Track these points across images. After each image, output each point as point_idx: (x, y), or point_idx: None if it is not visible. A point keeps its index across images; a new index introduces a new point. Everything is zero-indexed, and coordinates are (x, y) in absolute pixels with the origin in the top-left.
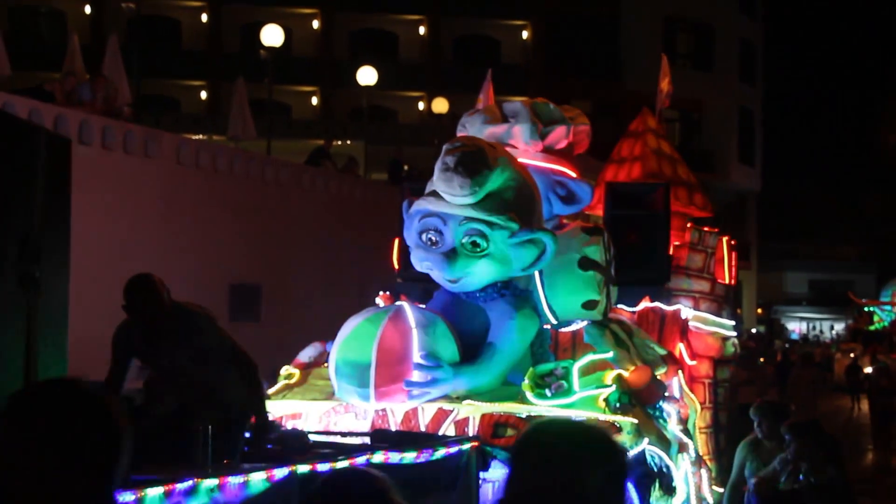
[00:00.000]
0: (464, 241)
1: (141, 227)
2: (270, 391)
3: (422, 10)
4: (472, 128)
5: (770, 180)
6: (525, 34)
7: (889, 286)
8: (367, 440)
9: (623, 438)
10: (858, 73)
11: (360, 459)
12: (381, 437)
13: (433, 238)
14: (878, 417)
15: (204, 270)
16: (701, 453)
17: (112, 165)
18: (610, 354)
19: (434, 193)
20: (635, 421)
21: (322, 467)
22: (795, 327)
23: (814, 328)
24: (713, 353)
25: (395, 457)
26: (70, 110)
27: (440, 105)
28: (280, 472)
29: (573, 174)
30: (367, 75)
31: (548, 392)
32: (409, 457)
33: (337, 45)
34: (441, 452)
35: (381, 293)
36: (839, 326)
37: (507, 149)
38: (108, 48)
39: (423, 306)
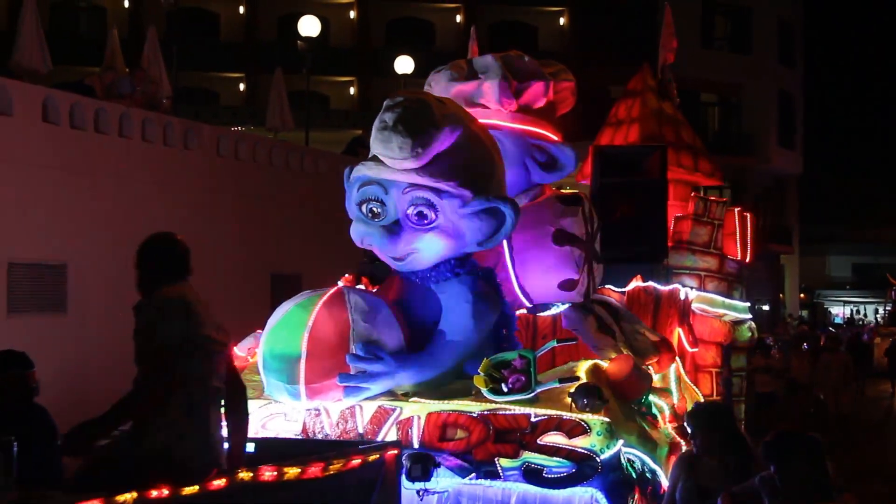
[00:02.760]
0: (409, 211)
1: (181, 219)
2: None
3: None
4: (438, 86)
5: (811, 164)
6: (562, 20)
7: None
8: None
9: (591, 441)
10: None
11: (218, 482)
12: (265, 447)
13: (374, 209)
14: None
15: (245, 261)
16: None
17: (155, 159)
18: (575, 342)
19: (375, 158)
20: (607, 420)
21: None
22: (839, 311)
23: (858, 312)
24: (720, 339)
25: (292, 472)
26: (110, 104)
27: None
28: None
29: (554, 137)
30: (404, 64)
31: (504, 387)
32: (295, 473)
33: (373, 34)
34: (342, 465)
35: (344, 275)
36: (884, 310)
37: (478, 109)
38: (147, 42)
39: (373, 289)
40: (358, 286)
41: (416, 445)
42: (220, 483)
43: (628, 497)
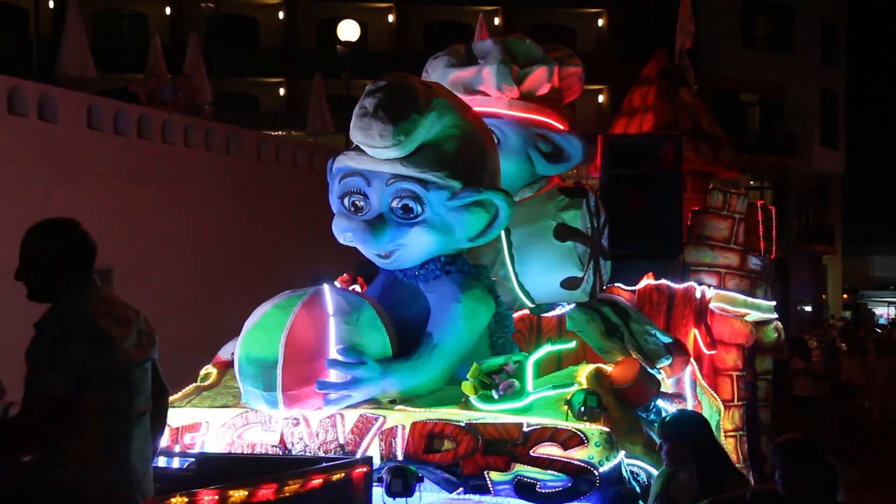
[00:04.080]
0: (393, 205)
1: (222, 223)
2: (175, 396)
3: (498, 1)
4: (435, 73)
5: (854, 163)
6: (601, 22)
7: None
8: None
9: (589, 452)
10: None
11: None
12: (221, 464)
13: (357, 203)
14: None
15: (285, 263)
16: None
17: (196, 164)
18: (573, 345)
19: (358, 148)
20: (606, 430)
21: None
22: (883, 312)
23: None
24: (741, 340)
25: (238, 495)
26: (153, 110)
27: None
28: None
29: (560, 126)
30: None
31: (495, 394)
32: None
33: (412, 37)
34: (300, 486)
35: (342, 275)
36: None
37: (478, 97)
38: (188, 48)
39: (359, 290)
40: (353, 287)
41: (399, 457)
42: None
43: None
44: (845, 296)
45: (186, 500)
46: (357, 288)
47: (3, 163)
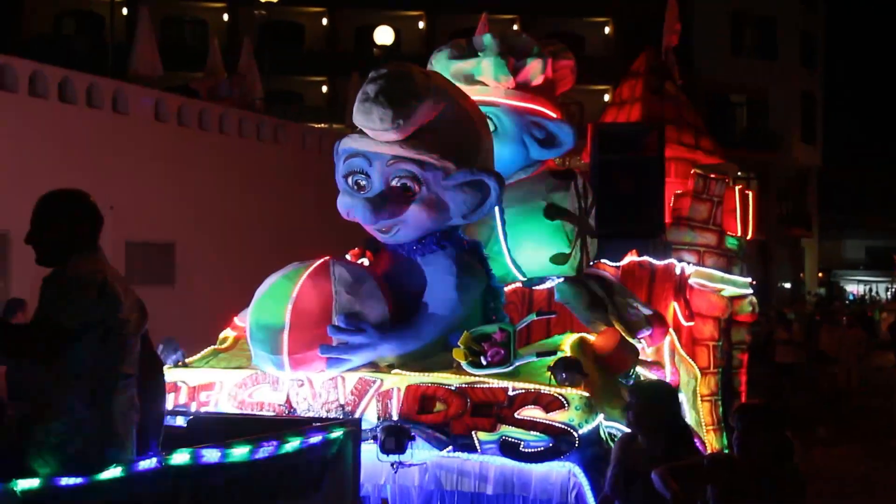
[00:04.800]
0: (393, 184)
1: (271, 206)
2: (194, 357)
3: (516, 10)
4: (439, 64)
5: (830, 157)
6: (607, 30)
7: None
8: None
9: (569, 415)
10: None
11: (147, 463)
12: (223, 424)
13: (360, 181)
14: None
15: (324, 239)
16: (704, 423)
17: (249, 153)
18: (555, 315)
19: (361, 131)
20: (585, 394)
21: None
22: (853, 289)
23: (870, 290)
24: (718, 313)
25: (211, 454)
26: (212, 105)
27: None
28: None
29: (553, 114)
30: None
31: (483, 360)
32: (240, 453)
33: (440, 42)
34: (292, 445)
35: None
36: (893, 288)
37: (477, 87)
38: (242, 50)
39: (366, 262)
40: (361, 260)
41: (395, 417)
42: (149, 464)
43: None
44: (820, 274)
45: (189, 455)
46: (365, 261)
47: (82, 149)
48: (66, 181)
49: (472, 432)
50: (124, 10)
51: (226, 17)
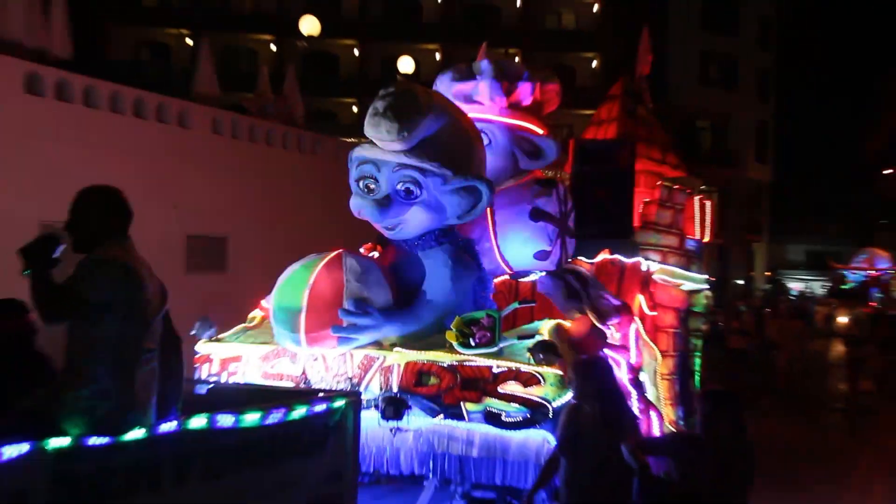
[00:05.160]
0: (398, 187)
1: (308, 207)
2: (226, 333)
3: (517, 45)
4: (442, 85)
5: (779, 175)
6: (594, 63)
7: (859, 255)
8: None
9: (545, 390)
10: (849, 94)
11: (168, 426)
12: (238, 393)
13: (370, 185)
14: (851, 358)
15: (351, 241)
16: (663, 398)
17: (291, 162)
18: (534, 303)
19: (371, 141)
20: (559, 372)
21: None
22: (795, 286)
23: (808, 287)
24: (678, 304)
25: (226, 420)
26: (261, 121)
27: None
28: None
29: (540, 131)
30: None
31: (472, 341)
32: (252, 419)
33: None
34: (300, 412)
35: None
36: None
37: (475, 105)
38: (287, 76)
39: (376, 255)
40: (373, 253)
41: (394, 389)
42: (169, 426)
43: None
44: (768, 273)
45: (205, 420)
46: (375, 254)
47: (152, 158)
48: (139, 185)
49: (461, 403)
50: (189, 41)
51: (273, 47)
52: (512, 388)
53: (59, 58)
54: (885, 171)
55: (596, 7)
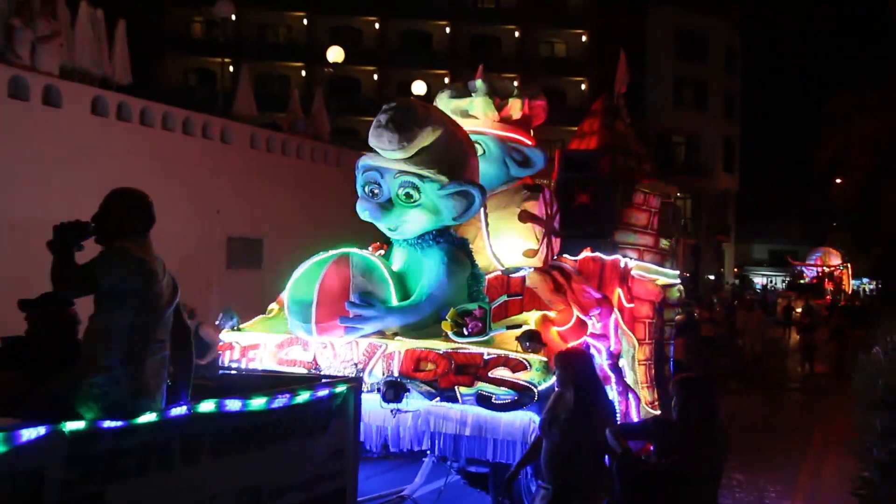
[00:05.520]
0: (399, 192)
1: (333, 211)
2: (247, 323)
3: (515, 70)
4: (442, 101)
5: (744, 184)
6: (583, 86)
7: (813, 253)
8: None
9: (531, 375)
10: (803, 112)
11: (177, 410)
12: (247, 380)
13: (374, 190)
14: (803, 343)
15: (368, 241)
16: (640, 381)
17: (318, 173)
18: (521, 296)
19: (375, 150)
20: (544, 359)
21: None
22: (759, 281)
23: (771, 282)
24: (653, 298)
25: (234, 404)
26: (292, 137)
27: None
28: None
29: (528, 142)
30: None
31: (465, 331)
32: (258, 403)
33: None
34: (303, 397)
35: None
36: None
37: (470, 119)
38: (315, 97)
39: (376, 253)
40: (380, 251)
41: (395, 374)
42: (179, 411)
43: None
44: (735, 269)
45: (214, 405)
46: (382, 252)
47: (198, 169)
48: (186, 192)
49: (455, 387)
50: (231, 68)
51: (303, 73)
52: (501, 373)
53: (120, 83)
54: (836, 180)
55: (584, 38)
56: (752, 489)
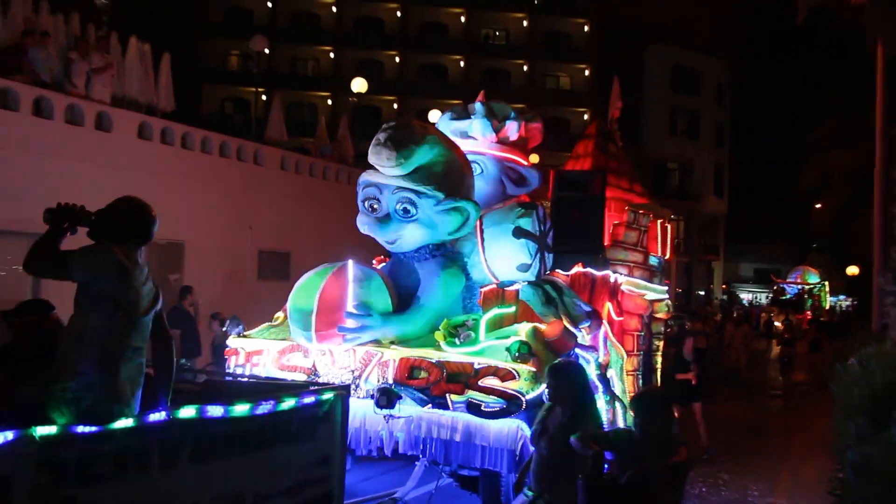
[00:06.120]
0: (396, 207)
1: (353, 233)
2: (253, 330)
3: (523, 101)
4: (443, 123)
5: (732, 207)
6: (586, 116)
7: (794, 271)
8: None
9: (519, 384)
10: (787, 142)
11: (156, 416)
12: (237, 387)
13: (373, 205)
14: (783, 355)
15: (384, 254)
16: (628, 391)
17: (342, 194)
18: (511, 309)
19: (374, 167)
20: (533, 369)
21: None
22: (745, 296)
23: (755, 298)
24: (642, 311)
25: (214, 410)
26: (318, 160)
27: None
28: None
29: (524, 162)
30: None
31: (457, 341)
32: (241, 410)
33: None
34: (289, 404)
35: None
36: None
37: (469, 140)
38: (340, 124)
39: (379, 266)
40: (381, 265)
41: (390, 381)
42: (158, 417)
43: None
44: (723, 286)
45: (194, 411)
46: (383, 265)
47: (233, 188)
48: (222, 209)
49: (447, 394)
50: (263, 97)
51: (329, 102)
52: (491, 382)
53: (164, 110)
54: (816, 206)
55: (587, 72)
56: (736, 487)
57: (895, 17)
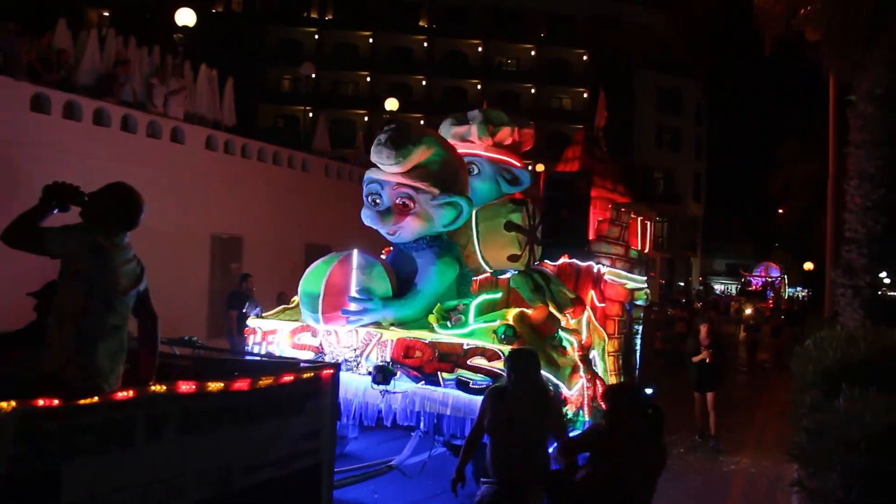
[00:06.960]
0: (396, 202)
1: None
2: (270, 312)
3: (532, 119)
4: (444, 128)
5: (710, 211)
6: None
7: (759, 266)
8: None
9: (504, 364)
10: (757, 154)
11: (133, 390)
12: (237, 365)
13: (375, 200)
14: (749, 340)
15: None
16: (609, 370)
17: None
18: (499, 295)
19: (376, 165)
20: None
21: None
22: (718, 287)
23: (727, 289)
24: (623, 298)
25: (188, 387)
26: (357, 168)
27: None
28: None
29: (517, 163)
30: None
31: (448, 323)
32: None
33: None
34: (268, 381)
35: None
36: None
37: (467, 143)
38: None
39: (383, 255)
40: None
41: (388, 359)
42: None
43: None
44: (700, 279)
45: (165, 387)
46: (384, 255)
47: (284, 192)
48: (273, 209)
49: (438, 372)
50: (311, 114)
51: (366, 118)
52: (478, 361)
53: (227, 126)
54: (780, 210)
55: (585, 94)
56: (708, 450)
57: (844, 53)
